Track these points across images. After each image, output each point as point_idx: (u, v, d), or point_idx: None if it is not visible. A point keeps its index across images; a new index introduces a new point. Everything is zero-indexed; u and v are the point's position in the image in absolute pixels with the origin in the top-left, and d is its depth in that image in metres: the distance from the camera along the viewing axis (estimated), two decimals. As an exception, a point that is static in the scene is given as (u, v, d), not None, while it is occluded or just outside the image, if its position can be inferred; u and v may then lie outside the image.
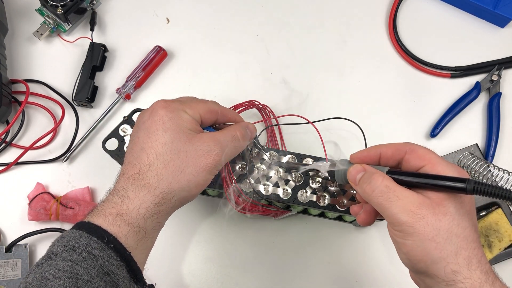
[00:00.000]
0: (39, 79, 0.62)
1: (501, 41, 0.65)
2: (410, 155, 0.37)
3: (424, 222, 0.33)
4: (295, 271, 0.56)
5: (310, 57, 0.64)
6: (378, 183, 0.35)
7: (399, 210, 0.33)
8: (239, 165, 0.51)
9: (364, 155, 0.39)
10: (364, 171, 0.37)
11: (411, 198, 0.34)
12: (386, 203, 0.34)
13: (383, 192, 0.35)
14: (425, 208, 0.33)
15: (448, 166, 0.35)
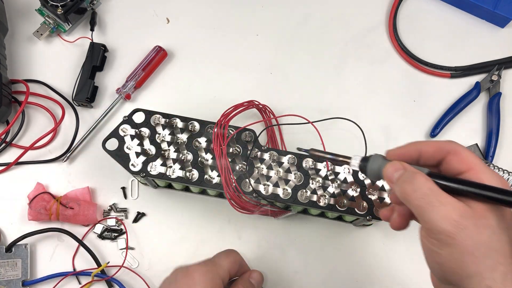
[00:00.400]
0: (39, 79, 0.62)
1: (501, 41, 0.65)
2: (453, 156, 0.34)
3: (465, 233, 0.30)
4: (295, 271, 0.56)
5: (310, 57, 0.64)
6: (421, 184, 0.32)
7: (440, 217, 0.31)
8: (239, 165, 0.51)
9: (402, 152, 0.36)
10: (404, 170, 0.34)
11: (454, 205, 0.31)
12: (428, 207, 0.31)
13: (425, 194, 0.32)
14: (468, 218, 0.31)
15: (493, 176, 0.32)
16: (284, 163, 0.51)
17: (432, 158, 0.35)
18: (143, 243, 0.57)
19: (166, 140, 0.52)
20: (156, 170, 0.51)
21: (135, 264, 0.56)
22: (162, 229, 0.57)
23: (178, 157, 0.51)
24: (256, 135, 0.52)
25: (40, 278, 0.54)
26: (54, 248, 0.56)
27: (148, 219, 0.58)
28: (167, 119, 0.53)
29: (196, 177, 0.50)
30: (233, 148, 0.52)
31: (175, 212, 0.58)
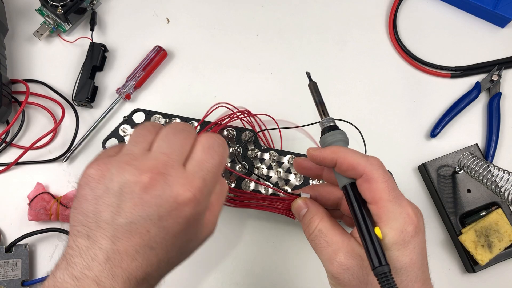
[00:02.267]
0: (39, 79, 0.62)
1: (501, 41, 0.65)
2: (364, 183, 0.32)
3: (349, 274, 0.30)
4: (295, 271, 0.56)
5: (310, 57, 0.64)
6: (314, 226, 0.33)
7: (327, 258, 0.31)
8: (239, 165, 0.51)
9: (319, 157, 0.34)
10: (307, 209, 0.34)
11: (340, 245, 0.31)
12: (318, 248, 0.32)
13: (316, 236, 0.32)
14: (352, 258, 0.30)
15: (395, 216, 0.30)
16: (284, 163, 0.51)
17: (345, 173, 0.33)
18: (143, 243, 0.57)
19: (166, 140, 0.52)
20: (156, 170, 0.51)
21: (135, 264, 0.56)
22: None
23: (178, 157, 0.51)
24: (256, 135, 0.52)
25: (40, 278, 0.54)
26: (54, 248, 0.56)
27: (148, 219, 0.58)
28: (167, 119, 0.53)
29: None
30: (233, 148, 0.52)
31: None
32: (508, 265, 0.55)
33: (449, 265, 0.57)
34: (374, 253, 0.29)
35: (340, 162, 0.33)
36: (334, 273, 0.31)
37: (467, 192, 0.56)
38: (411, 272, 0.30)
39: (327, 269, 0.31)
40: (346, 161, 0.32)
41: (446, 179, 0.57)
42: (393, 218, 0.30)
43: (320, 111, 0.38)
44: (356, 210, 0.32)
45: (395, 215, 0.31)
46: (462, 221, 0.56)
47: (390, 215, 0.31)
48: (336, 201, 0.36)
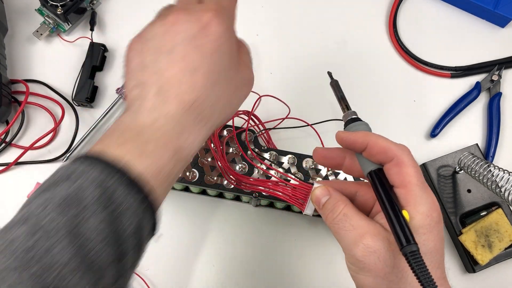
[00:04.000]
0: (39, 79, 0.62)
1: (501, 41, 0.65)
2: (393, 166, 0.32)
3: (375, 257, 0.30)
4: (295, 271, 0.56)
5: (310, 57, 0.64)
6: (339, 210, 0.33)
7: (351, 241, 0.31)
8: (239, 165, 0.51)
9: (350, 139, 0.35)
10: (329, 196, 0.35)
11: (366, 228, 0.31)
12: (341, 232, 0.32)
13: (340, 220, 0.32)
14: (381, 241, 0.30)
15: (422, 200, 0.31)
16: (284, 163, 0.51)
17: (375, 157, 0.34)
18: (143, 243, 0.57)
19: (166, 140, 0.52)
20: (156, 170, 0.51)
21: (135, 264, 0.56)
22: (162, 229, 0.57)
23: (178, 157, 0.51)
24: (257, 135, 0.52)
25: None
26: (54, 248, 0.56)
27: (148, 219, 0.58)
28: (167, 119, 0.53)
29: (197, 177, 0.50)
30: (233, 148, 0.52)
31: (175, 212, 0.58)
32: (508, 265, 0.55)
33: (449, 265, 0.57)
34: (402, 233, 0.29)
35: (372, 145, 0.33)
36: (359, 256, 0.30)
37: (467, 192, 0.56)
38: (434, 257, 0.31)
39: (351, 253, 0.31)
40: (378, 144, 0.33)
41: (446, 179, 0.57)
42: (421, 203, 0.31)
43: (343, 106, 0.40)
44: (383, 193, 0.32)
45: (422, 199, 0.31)
46: (462, 221, 0.56)
47: (418, 199, 0.31)
48: (349, 198, 0.36)
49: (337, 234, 0.33)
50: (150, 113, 0.31)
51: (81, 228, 0.27)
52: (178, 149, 0.31)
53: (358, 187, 0.36)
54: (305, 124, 0.58)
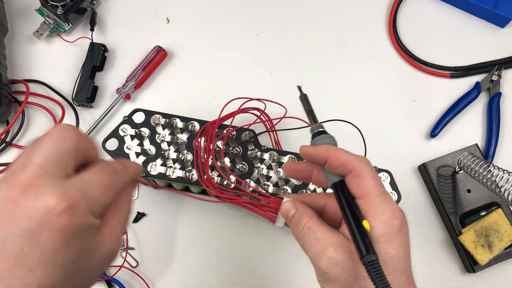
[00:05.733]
0: (39, 79, 0.62)
1: (501, 41, 0.65)
2: (352, 179, 0.33)
3: (338, 268, 0.30)
4: (295, 271, 0.56)
5: (310, 57, 0.64)
6: (303, 223, 0.34)
7: (316, 254, 0.32)
8: (239, 165, 0.51)
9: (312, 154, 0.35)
10: (295, 210, 0.35)
11: (329, 240, 0.31)
12: (307, 245, 0.33)
13: (305, 234, 0.33)
14: (342, 252, 0.31)
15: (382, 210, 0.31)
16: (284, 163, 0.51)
17: (336, 170, 0.34)
18: (143, 243, 0.57)
19: (166, 140, 0.52)
20: (156, 170, 0.51)
21: (135, 264, 0.56)
22: (162, 229, 0.57)
23: (178, 157, 0.51)
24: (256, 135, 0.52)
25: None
26: (54, 248, 0.56)
27: (148, 219, 0.58)
28: (167, 119, 0.53)
29: (196, 177, 0.50)
30: (233, 148, 0.52)
31: (175, 212, 0.58)
32: (508, 265, 0.55)
33: (449, 265, 0.57)
34: (362, 243, 0.30)
35: (332, 159, 0.34)
36: (324, 268, 0.31)
37: (467, 192, 0.56)
38: (397, 265, 0.31)
39: (316, 265, 0.32)
40: (338, 158, 0.33)
41: (446, 179, 0.57)
42: (380, 212, 0.31)
43: (310, 119, 0.40)
44: (344, 204, 0.32)
45: (382, 209, 0.32)
46: (462, 221, 0.56)
47: (377, 209, 0.32)
48: (319, 210, 0.37)
49: (303, 247, 0.33)
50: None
51: None
52: None
53: (327, 198, 0.37)
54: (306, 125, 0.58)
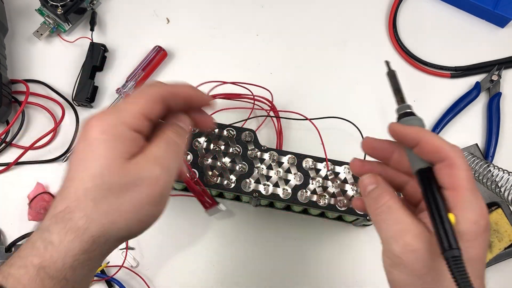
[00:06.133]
0: (39, 79, 0.62)
1: (501, 41, 0.65)
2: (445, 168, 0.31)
3: (414, 255, 0.29)
4: (295, 271, 0.56)
5: (310, 57, 0.64)
6: (383, 201, 0.32)
7: (391, 235, 0.30)
8: (239, 165, 0.51)
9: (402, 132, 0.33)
10: (377, 185, 0.33)
11: (410, 226, 0.30)
12: (382, 224, 0.31)
13: (383, 211, 0.31)
14: (422, 241, 0.29)
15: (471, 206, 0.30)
16: (284, 163, 0.51)
17: (426, 155, 0.32)
18: (143, 243, 0.57)
19: (166, 140, 0.52)
20: (156, 170, 0.51)
21: (135, 264, 0.56)
22: (162, 229, 0.57)
23: (178, 157, 0.51)
24: (256, 135, 0.52)
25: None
26: (54, 248, 0.56)
27: (148, 219, 0.58)
28: (167, 119, 0.53)
29: (197, 177, 0.50)
30: (233, 148, 0.52)
31: (175, 212, 0.58)
32: (508, 265, 0.55)
33: (449, 265, 0.57)
34: (445, 236, 0.28)
35: (424, 142, 0.31)
36: (398, 252, 0.29)
37: (467, 192, 0.56)
38: (474, 266, 0.29)
39: (389, 247, 0.30)
40: (431, 142, 0.31)
41: (446, 179, 0.57)
42: (469, 208, 0.30)
43: (398, 98, 0.38)
44: (430, 193, 0.30)
45: (472, 205, 0.30)
46: (462, 221, 0.56)
47: (466, 204, 0.30)
48: (397, 187, 0.35)
49: (378, 225, 0.32)
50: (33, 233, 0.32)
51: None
52: (41, 265, 0.30)
53: (409, 179, 0.35)
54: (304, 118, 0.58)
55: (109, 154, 0.31)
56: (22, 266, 0.30)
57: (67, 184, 0.32)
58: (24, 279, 0.30)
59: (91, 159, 0.31)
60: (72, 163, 0.33)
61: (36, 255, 0.30)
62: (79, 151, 0.32)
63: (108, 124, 0.32)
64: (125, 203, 0.31)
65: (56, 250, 0.30)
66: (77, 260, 0.31)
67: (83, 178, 0.31)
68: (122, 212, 0.31)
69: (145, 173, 0.32)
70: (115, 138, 0.32)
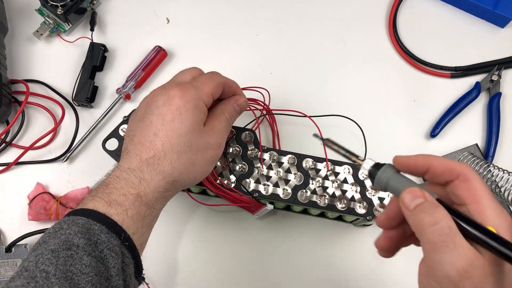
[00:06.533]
0: (39, 79, 0.62)
1: (501, 41, 0.65)
2: (461, 182, 0.31)
3: (469, 282, 0.28)
4: (295, 271, 0.56)
5: (310, 57, 0.64)
6: (441, 217, 0.29)
7: (450, 261, 0.28)
8: (239, 165, 0.51)
9: (410, 162, 0.33)
10: (425, 199, 0.31)
11: (467, 252, 0.28)
12: (441, 247, 0.29)
13: (443, 232, 0.29)
14: (476, 268, 0.28)
15: (499, 215, 0.30)
16: (284, 163, 0.51)
17: (440, 177, 0.32)
18: (143, 243, 0.57)
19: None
20: (156, 170, 0.51)
21: (135, 264, 0.56)
22: (162, 229, 0.57)
23: (178, 157, 0.51)
24: (256, 135, 0.52)
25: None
26: (54, 248, 0.56)
27: (148, 219, 0.58)
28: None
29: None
30: (233, 148, 0.52)
31: (175, 212, 0.58)
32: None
33: (449, 265, 0.57)
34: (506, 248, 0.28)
35: (436, 165, 0.32)
36: (456, 280, 0.28)
37: (467, 192, 0.56)
38: None
39: (444, 273, 0.28)
40: (442, 163, 0.32)
41: (446, 179, 0.57)
42: (498, 217, 0.30)
43: (354, 158, 0.36)
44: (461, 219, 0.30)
45: (498, 213, 0.30)
46: (462, 221, 0.56)
47: (494, 213, 0.30)
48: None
49: (433, 245, 0.29)
50: (118, 169, 0.41)
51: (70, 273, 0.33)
52: (138, 194, 0.39)
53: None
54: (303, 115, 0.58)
55: (192, 120, 0.41)
56: (121, 195, 0.39)
57: (150, 138, 0.41)
58: (125, 204, 0.38)
59: (178, 122, 0.41)
60: (154, 121, 0.41)
61: (132, 187, 0.39)
62: (165, 114, 0.41)
63: (192, 97, 0.41)
64: (199, 158, 0.42)
65: (148, 185, 0.40)
66: (161, 195, 0.41)
67: (171, 136, 0.41)
68: (195, 165, 0.42)
69: (214, 140, 0.43)
70: (195, 108, 0.41)
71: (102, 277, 0.34)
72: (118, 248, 0.36)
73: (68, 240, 0.35)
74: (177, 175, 0.41)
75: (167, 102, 0.41)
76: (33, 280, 0.32)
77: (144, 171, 0.40)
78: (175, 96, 0.41)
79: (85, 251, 0.34)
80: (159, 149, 0.40)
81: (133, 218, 0.38)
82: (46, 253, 0.34)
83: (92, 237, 0.36)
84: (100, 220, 0.37)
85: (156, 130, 0.41)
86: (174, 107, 0.41)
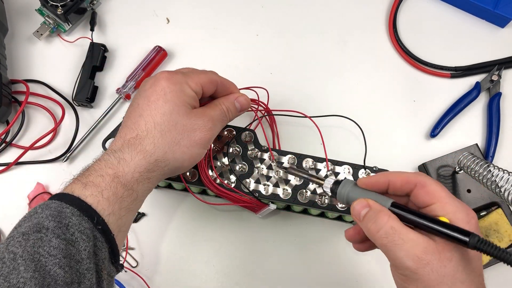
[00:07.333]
0: (39, 79, 0.62)
1: (501, 41, 0.65)
2: (419, 189, 0.35)
3: (429, 268, 0.31)
4: (295, 271, 0.56)
5: (310, 57, 0.64)
6: (383, 223, 0.33)
7: (404, 254, 0.32)
8: (239, 165, 0.51)
9: (372, 181, 0.37)
10: (369, 208, 0.35)
11: (416, 241, 0.32)
12: (391, 246, 0.32)
13: (388, 233, 0.33)
14: (431, 253, 0.31)
15: (458, 208, 0.33)
16: (284, 163, 0.51)
17: (400, 189, 0.36)
18: (143, 243, 0.57)
19: (166, 140, 0.52)
20: (156, 170, 0.51)
21: (135, 264, 0.56)
22: (162, 229, 0.57)
23: (178, 157, 0.51)
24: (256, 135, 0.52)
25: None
26: (54, 248, 0.56)
27: (148, 219, 0.58)
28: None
29: (197, 177, 0.50)
30: (233, 148, 0.52)
31: (175, 212, 0.58)
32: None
33: (449, 265, 0.57)
34: (457, 231, 0.31)
35: (393, 180, 0.36)
36: (413, 268, 0.31)
37: (467, 192, 0.56)
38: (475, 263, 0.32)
39: (402, 265, 0.32)
40: (400, 177, 0.35)
41: (446, 179, 0.57)
42: (458, 211, 0.33)
43: (316, 180, 0.42)
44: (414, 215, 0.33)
45: (458, 208, 0.33)
46: (462, 221, 0.56)
47: (454, 208, 0.33)
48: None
49: (385, 247, 0.33)
50: (103, 154, 0.41)
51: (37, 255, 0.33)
52: (115, 175, 0.39)
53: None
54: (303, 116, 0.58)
55: (177, 101, 0.41)
56: (99, 176, 0.38)
57: (135, 119, 0.41)
58: (102, 184, 0.38)
59: (162, 101, 0.41)
60: (140, 104, 0.42)
61: (110, 167, 0.39)
62: (150, 95, 0.41)
63: (177, 79, 0.42)
64: (184, 138, 0.41)
65: (127, 165, 0.39)
66: (142, 176, 0.40)
67: (154, 115, 0.41)
68: (181, 145, 0.41)
69: (202, 122, 0.42)
70: (180, 90, 0.42)
71: (72, 260, 0.34)
72: (89, 231, 0.36)
73: (39, 223, 0.35)
74: (161, 154, 0.40)
75: (153, 84, 0.42)
76: (0, 261, 0.33)
77: (124, 151, 0.40)
78: (162, 78, 0.42)
79: (54, 234, 0.34)
80: (142, 128, 0.41)
81: (109, 199, 0.37)
82: (17, 235, 0.35)
83: (63, 220, 0.35)
84: (73, 203, 0.37)
85: (141, 111, 0.41)
86: (159, 88, 0.41)
